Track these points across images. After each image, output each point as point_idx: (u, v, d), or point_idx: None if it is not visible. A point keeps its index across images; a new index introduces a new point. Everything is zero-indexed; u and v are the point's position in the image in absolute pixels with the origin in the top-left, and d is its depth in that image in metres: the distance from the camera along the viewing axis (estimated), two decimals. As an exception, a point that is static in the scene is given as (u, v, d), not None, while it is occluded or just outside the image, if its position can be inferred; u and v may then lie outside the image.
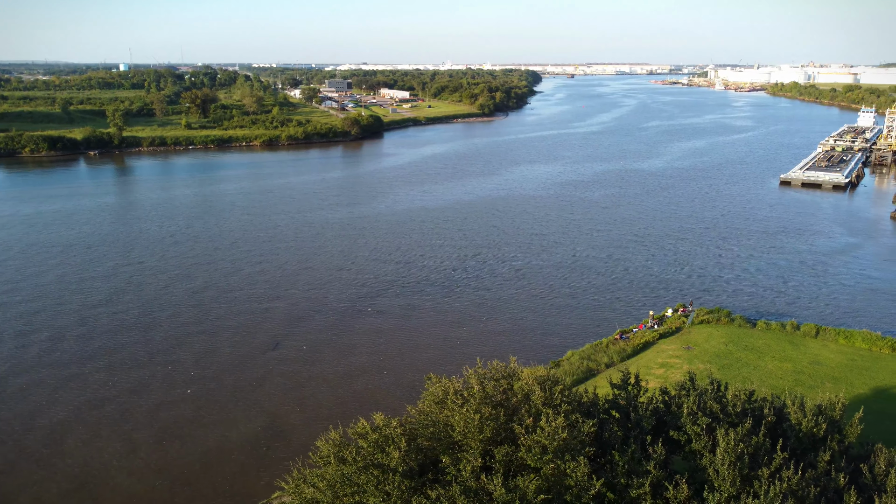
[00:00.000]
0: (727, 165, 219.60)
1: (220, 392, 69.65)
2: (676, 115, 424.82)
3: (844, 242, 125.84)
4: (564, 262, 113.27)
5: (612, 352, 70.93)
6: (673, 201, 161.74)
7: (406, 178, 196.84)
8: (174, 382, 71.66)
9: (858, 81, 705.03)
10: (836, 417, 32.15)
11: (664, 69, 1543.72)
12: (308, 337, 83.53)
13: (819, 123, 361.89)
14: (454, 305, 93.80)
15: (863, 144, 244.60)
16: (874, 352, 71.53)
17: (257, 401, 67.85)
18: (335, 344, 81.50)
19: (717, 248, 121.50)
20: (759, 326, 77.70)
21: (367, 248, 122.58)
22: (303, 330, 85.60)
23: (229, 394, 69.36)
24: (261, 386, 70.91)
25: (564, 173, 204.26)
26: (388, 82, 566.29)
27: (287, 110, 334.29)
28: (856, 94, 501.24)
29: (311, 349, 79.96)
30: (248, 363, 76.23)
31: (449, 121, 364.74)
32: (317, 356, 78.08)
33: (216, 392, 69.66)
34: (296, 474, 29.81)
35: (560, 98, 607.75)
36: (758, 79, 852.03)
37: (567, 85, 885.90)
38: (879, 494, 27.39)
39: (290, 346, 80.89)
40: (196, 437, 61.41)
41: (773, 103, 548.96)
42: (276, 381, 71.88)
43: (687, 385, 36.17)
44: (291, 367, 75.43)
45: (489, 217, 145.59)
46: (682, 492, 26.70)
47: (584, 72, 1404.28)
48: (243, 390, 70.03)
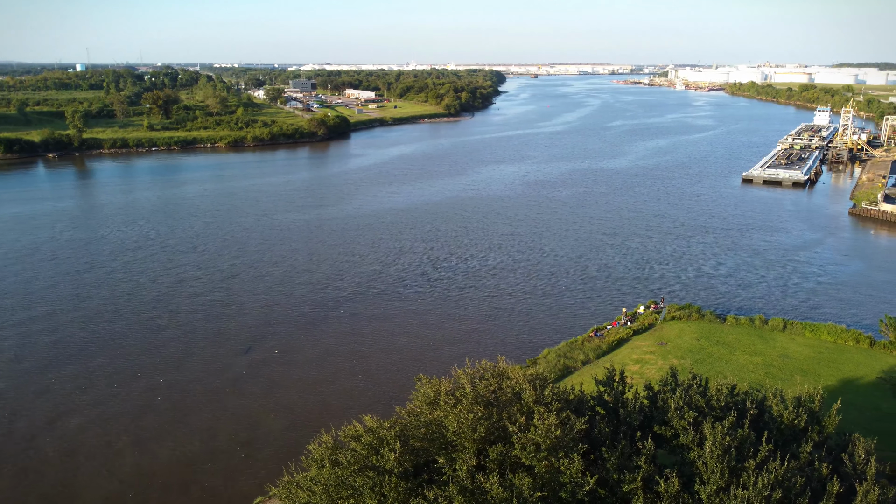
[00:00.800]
0: (690, 164, 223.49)
1: (193, 398, 68.45)
2: (639, 114, 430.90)
3: (806, 238, 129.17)
4: (535, 261, 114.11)
5: (587, 349, 71.76)
6: (639, 200, 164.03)
7: (374, 179, 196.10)
8: (144, 390, 70.18)
9: (813, 81, 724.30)
10: (815, 409, 33.07)
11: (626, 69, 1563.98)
12: (281, 340, 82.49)
13: (777, 122, 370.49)
14: (427, 306, 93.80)
15: (820, 142, 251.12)
16: (839, 344, 73.65)
17: (232, 406, 66.86)
18: (309, 347, 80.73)
19: (683, 245, 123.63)
20: (729, 321, 79.42)
21: (337, 250, 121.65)
22: (275, 333, 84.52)
23: (203, 400, 68.24)
24: (235, 391, 69.91)
25: (532, 173, 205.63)
26: (352, 82, 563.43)
27: (251, 111, 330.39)
28: (811, 94, 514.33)
29: (284, 353, 79.02)
30: (221, 368, 75.07)
31: (415, 121, 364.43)
32: (291, 360, 77.27)
33: (188, 398, 68.43)
34: (287, 479, 29.55)
35: (525, 98, 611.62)
36: (717, 78, 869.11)
37: (531, 85, 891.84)
38: (860, 482, 28.24)
39: (262, 350, 79.78)
40: (169, 445, 60.26)
41: (732, 102, 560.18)
42: (250, 386, 70.93)
43: (670, 381, 36.84)
44: (265, 371, 74.52)
45: (459, 218, 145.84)
46: (672, 485, 27.20)
47: (548, 72, 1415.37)
48: (217, 396, 68.97)
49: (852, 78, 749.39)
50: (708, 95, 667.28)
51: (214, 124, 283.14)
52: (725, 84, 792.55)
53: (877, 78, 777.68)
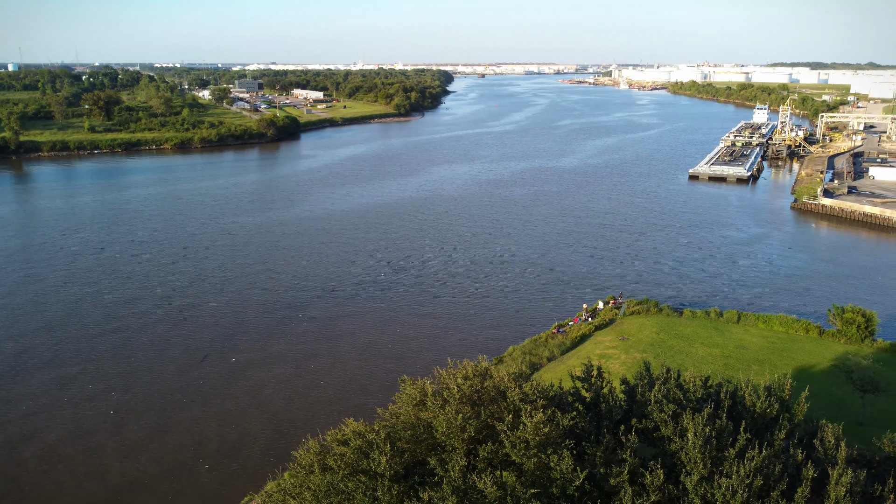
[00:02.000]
0: (638, 162, 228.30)
1: (146, 413, 65.64)
2: (586, 113, 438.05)
3: (753, 233, 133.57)
4: (492, 260, 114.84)
5: (552, 345, 72.69)
6: (591, 199, 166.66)
7: (326, 180, 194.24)
8: (92, 405, 67.41)
9: (750, 80, 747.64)
10: (785, 398, 34.28)
11: (570, 69, 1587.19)
12: (236, 349, 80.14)
13: (718, 120, 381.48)
14: (387, 308, 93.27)
15: (760, 139, 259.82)
16: (791, 334, 76.39)
17: (188, 419, 64.74)
18: (266, 355, 78.76)
19: (637, 242, 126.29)
20: (686, 315, 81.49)
21: (289, 253, 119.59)
22: (230, 342, 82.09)
23: (157, 413, 65.80)
24: (191, 403, 67.71)
25: (484, 172, 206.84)
26: (300, 82, 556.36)
27: (197, 112, 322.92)
28: (749, 92, 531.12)
29: (241, 361, 76.95)
30: (175, 379, 72.54)
31: (366, 121, 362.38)
32: (248, 368, 75.39)
33: (140, 414, 65.57)
34: (272, 486, 29.09)
35: (473, 97, 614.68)
36: (659, 78, 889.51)
37: (479, 84, 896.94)
38: (832, 466, 29.39)
39: (218, 359, 77.43)
40: (120, 461, 58.05)
41: (674, 101, 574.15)
42: (206, 397, 68.95)
43: (644, 374, 37.65)
44: (222, 380, 72.33)
45: (414, 219, 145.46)
46: (658, 477, 27.83)
47: (494, 71, 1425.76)
48: (172, 408, 66.62)
49: (786, 77, 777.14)
50: (651, 94, 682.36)
51: (159, 126, 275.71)
52: (667, 83, 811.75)
53: (809, 77, 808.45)
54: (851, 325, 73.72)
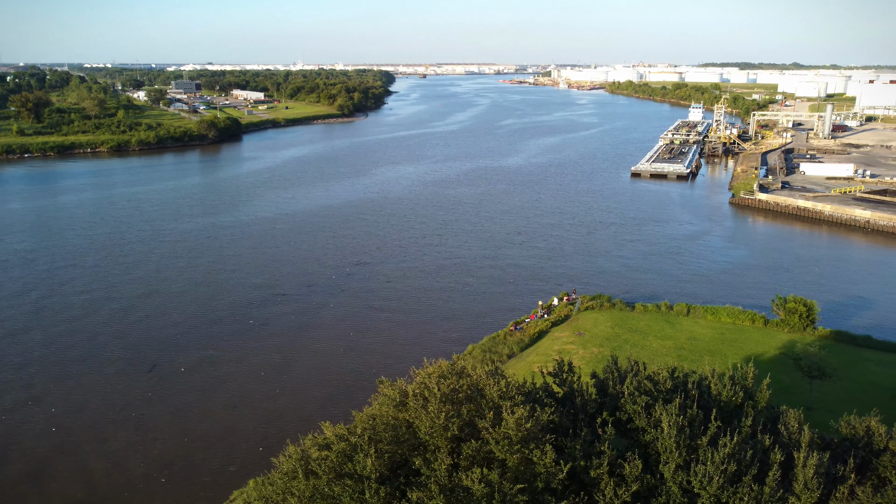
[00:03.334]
0: (582, 161, 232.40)
1: (90, 429, 62.93)
2: (529, 112, 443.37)
3: (696, 228, 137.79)
4: (443, 261, 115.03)
5: (510, 343, 73.39)
6: (537, 198, 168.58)
7: (270, 182, 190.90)
8: (32, 420, 64.52)
9: (684, 80, 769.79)
10: (749, 386, 35.54)
11: (510, 69, 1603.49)
12: (185, 358, 77.44)
13: (655, 119, 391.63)
14: (340, 311, 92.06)
15: (696, 137, 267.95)
16: (738, 324, 79.15)
17: (136, 432, 62.26)
18: (217, 363, 76.42)
19: (585, 239, 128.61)
20: (638, 309, 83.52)
21: (235, 259, 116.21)
22: (177, 351, 79.28)
23: (102, 426, 63.14)
24: (140, 415, 65.15)
25: (430, 173, 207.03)
26: (239, 83, 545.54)
27: (133, 113, 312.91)
28: (683, 92, 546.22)
29: (190, 371, 74.47)
30: (121, 392, 69.69)
31: (309, 122, 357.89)
32: (199, 377, 72.92)
33: (84, 430, 62.83)
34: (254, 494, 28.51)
35: (416, 98, 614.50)
36: (597, 78, 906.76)
37: (420, 85, 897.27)
38: (797, 449, 30.61)
39: (167, 369, 74.80)
40: (66, 479, 55.70)
41: (612, 101, 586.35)
42: (155, 409, 66.31)
43: (611, 368, 38.43)
44: (172, 392, 69.86)
45: (362, 220, 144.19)
46: (636, 467, 28.47)
47: (435, 72, 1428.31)
48: (119, 421, 64.00)
49: (718, 77, 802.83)
50: (590, 94, 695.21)
51: (94, 128, 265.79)
52: (605, 83, 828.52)
53: (739, 77, 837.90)
54: (794, 314, 76.84)
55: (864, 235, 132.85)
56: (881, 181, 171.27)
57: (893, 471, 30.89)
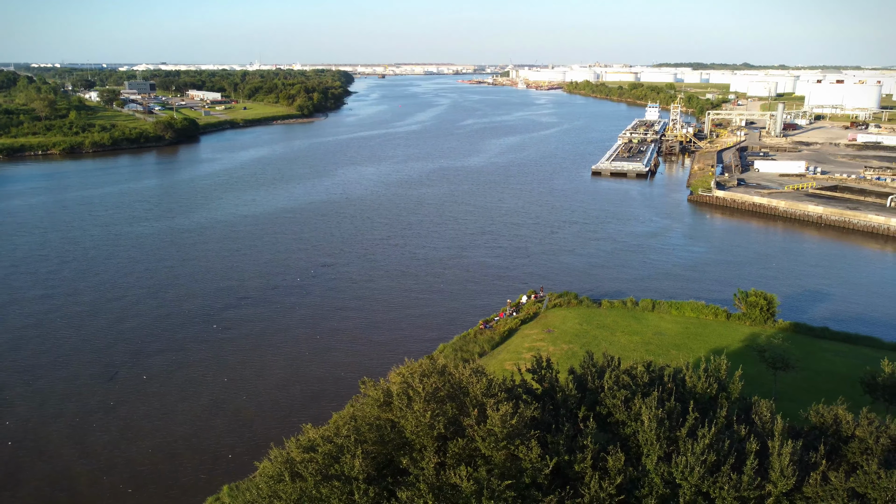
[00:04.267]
0: (543, 160, 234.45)
1: (48, 442, 60.77)
2: (489, 112, 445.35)
3: (657, 225, 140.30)
4: (409, 262, 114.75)
5: (481, 341, 73.73)
6: (500, 197, 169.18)
7: (230, 184, 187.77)
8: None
9: (639, 80, 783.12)
10: (722, 377, 36.40)
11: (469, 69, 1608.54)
12: (147, 365, 75.59)
13: (613, 118, 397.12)
14: (306, 314, 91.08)
15: (654, 136, 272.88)
16: (702, 319, 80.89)
17: (101, 445, 60.28)
18: (180, 370, 74.59)
19: (549, 238, 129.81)
20: (605, 305, 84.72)
21: (194, 263, 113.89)
22: (139, 358, 77.28)
23: (63, 439, 61.20)
24: (102, 426, 63.24)
25: (393, 173, 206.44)
26: (195, 83, 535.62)
27: (86, 114, 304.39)
28: (639, 91, 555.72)
29: (153, 378, 72.49)
30: (84, 399, 67.81)
31: (268, 122, 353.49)
32: (162, 385, 71.05)
33: (45, 440, 61.09)
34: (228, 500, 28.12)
35: (376, 98, 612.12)
36: (554, 78, 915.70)
37: (380, 85, 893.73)
38: (771, 438, 31.49)
39: (129, 377, 72.85)
40: (26, 495, 53.70)
41: (570, 101, 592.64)
42: (119, 418, 64.60)
43: (588, 363, 38.95)
44: (135, 400, 68.00)
45: (325, 222, 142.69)
46: (619, 460, 28.93)
47: (394, 72, 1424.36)
48: (83, 431, 62.24)
49: (672, 77, 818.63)
50: (548, 94, 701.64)
51: (45, 129, 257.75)
52: (563, 83, 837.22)
53: (692, 77, 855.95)
54: (755, 307, 78.87)
55: (817, 230, 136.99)
56: (831, 178, 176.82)
57: (862, 456, 32.00)
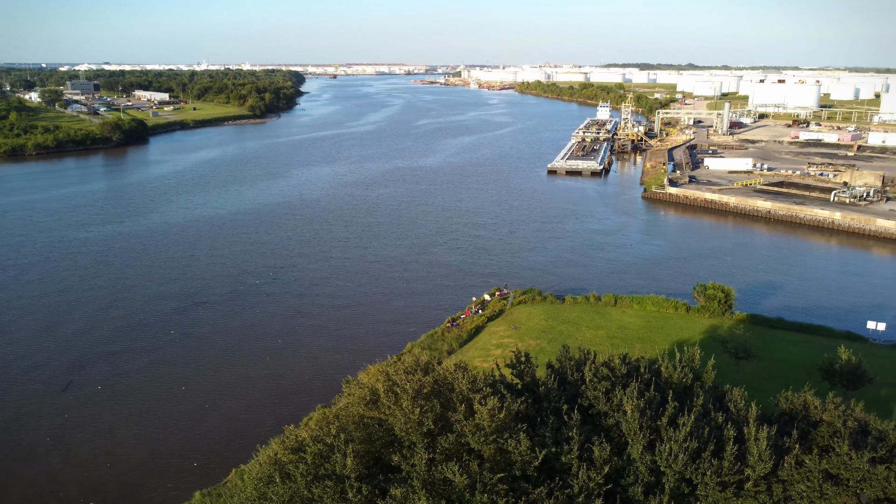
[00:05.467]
0: (499, 159, 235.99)
1: (8, 456, 58.57)
2: (443, 112, 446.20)
3: (614, 222, 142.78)
4: (369, 263, 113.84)
5: (449, 339, 73.90)
6: (458, 197, 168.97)
7: (181, 186, 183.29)
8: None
9: (589, 80, 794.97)
10: (696, 367, 37.31)
11: (421, 69, 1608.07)
12: (103, 373, 73.07)
13: (565, 118, 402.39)
14: (269, 316, 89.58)
15: (606, 135, 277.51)
16: (662, 312, 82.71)
17: (58, 459, 58.04)
18: (137, 378, 72.14)
19: (509, 236, 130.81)
20: (568, 301, 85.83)
21: (147, 268, 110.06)
22: (93, 367, 74.73)
23: (8, 453, 58.83)
24: (58, 437, 60.90)
25: (349, 174, 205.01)
26: (141, 83, 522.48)
27: (27, 116, 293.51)
28: (590, 91, 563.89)
29: (109, 388, 69.95)
30: (32, 415, 65.04)
31: (219, 123, 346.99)
32: (117, 395, 68.47)
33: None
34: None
35: (328, 98, 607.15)
36: (506, 78, 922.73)
37: (332, 85, 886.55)
38: (746, 425, 32.43)
39: (84, 386, 70.30)
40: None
41: (522, 100, 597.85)
42: (74, 431, 62.15)
43: (564, 357, 39.46)
44: (90, 410, 65.55)
45: (281, 224, 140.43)
46: (605, 450, 29.42)
47: (346, 72, 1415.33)
48: (38, 444, 59.96)
49: (620, 77, 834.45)
50: (500, 94, 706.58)
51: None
52: (514, 83, 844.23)
53: (640, 77, 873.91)
54: (713, 300, 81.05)
55: (767, 225, 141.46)
56: (777, 174, 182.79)
57: (831, 439, 33.19)
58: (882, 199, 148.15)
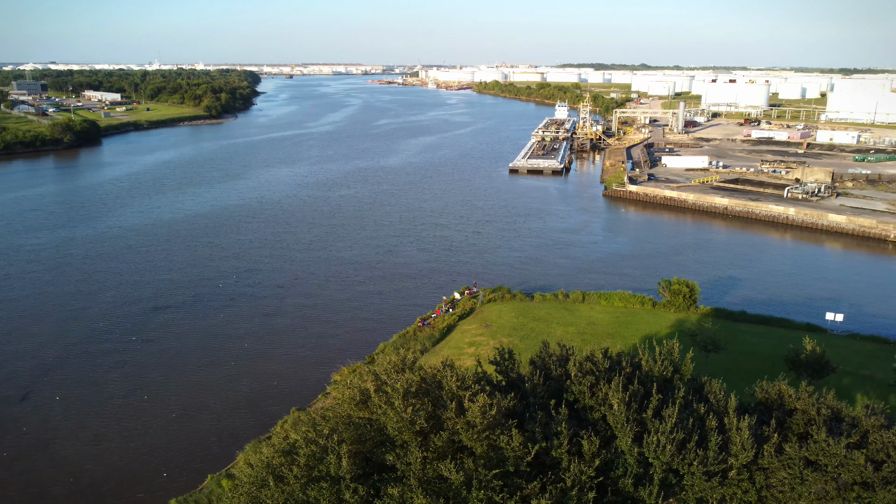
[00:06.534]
0: (460, 159, 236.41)
1: None
2: (402, 112, 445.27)
3: (577, 220, 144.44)
4: (335, 264, 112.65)
5: (421, 338, 73.81)
6: (421, 197, 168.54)
7: (137, 189, 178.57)
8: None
9: (546, 80, 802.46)
10: (676, 360, 37.99)
11: (378, 69, 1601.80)
12: (61, 384, 70.39)
13: (524, 117, 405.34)
14: (231, 323, 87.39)
15: (565, 134, 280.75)
16: (630, 308, 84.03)
17: (15, 474, 55.75)
18: (97, 388, 69.88)
19: (474, 235, 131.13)
20: (537, 298, 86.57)
21: (104, 274, 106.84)
22: (51, 377, 72.01)
23: None
24: (15, 453, 58.50)
25: (310, 174, 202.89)
26: (91, 83, 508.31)
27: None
28: (547, 91, 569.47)
29: (67, 399, 67.57)
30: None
31: (174, 124, 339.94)
32: (77, 406, 66.11)
33: None
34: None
35: (285, 98, 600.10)
36: (464, 78, 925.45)
37: (288, 85, 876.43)
38: (726, 415, 33.17)
39: (41, 398, 67.95)
40: None
41: (480, 100, 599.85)
42: (32, 445, 59.86)
43: (544, 353, 39.78)
44: (48, 422, 63.28)
45: (242, 227, 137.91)
46: (594, 444, 29.76)
47: (302, 72, 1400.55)
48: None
49: (576, 77, 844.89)
50: (458, 94, 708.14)
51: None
52: (472, 83, 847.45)
53: (595, 77, 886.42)
54: (679, 295, 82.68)
55: (724, 220, 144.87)
56: (732, 171, 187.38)
57: (807, 427, 34.17)
58: (832, 194, 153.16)
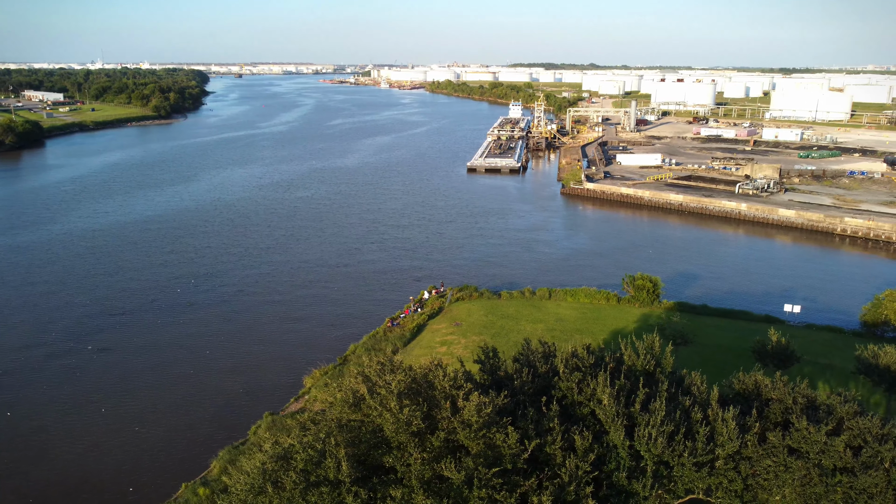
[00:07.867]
0: (417, 158, 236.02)
1: None
2: (356, 112, 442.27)
3: (536, 218, 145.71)
4: (296, 267, 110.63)
5: (392, 338, 73.37)
6: (380, 198, 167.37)
7: (84, 192, 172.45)
8: None
9: (498, 79, 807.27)
10: (657, 354, 38.60)
11: (329, 69, 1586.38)
12: (8, 399, 67.12)
13: (478, 117, 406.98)
14: (192, 329, 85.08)
15: (520, 133, 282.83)
16: (595, 304, 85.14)
17: None
18: (51, 401, 66.76)
19: (437, 235, 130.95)
20: (504, 296, 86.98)
21: (51, 281, 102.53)
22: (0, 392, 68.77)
23: None
24: None
25: (265, 175, 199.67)
26: (31, 83, 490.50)
27: None
28: (500, 91, 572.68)
29: (18, 416, 64.12)
30: None
31: (122, 125, 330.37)
32: (29, 422, 62.99)
33: None
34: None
35: (236, 98, 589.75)
36: (416, 77, 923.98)
37: (238, 85, 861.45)
38: (710, 406, 33.87)
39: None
40: None
41: (433, 100, 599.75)
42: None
43: (526, 350, 39.96)
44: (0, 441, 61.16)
45: (196, 230, 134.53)
46: (587, 439, 30.00)
47: (251, 71, 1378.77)
48: None
49: (528, 76, 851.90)
50: (411, 94, 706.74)
51: None
52: (424, 83, 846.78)
53: (546, 76, 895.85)
54: (642, 290, 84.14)
55: (679, 216, 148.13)
56: (685, 168, 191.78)
57: (783, 416, 35.12)
58: (781, 190, 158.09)
